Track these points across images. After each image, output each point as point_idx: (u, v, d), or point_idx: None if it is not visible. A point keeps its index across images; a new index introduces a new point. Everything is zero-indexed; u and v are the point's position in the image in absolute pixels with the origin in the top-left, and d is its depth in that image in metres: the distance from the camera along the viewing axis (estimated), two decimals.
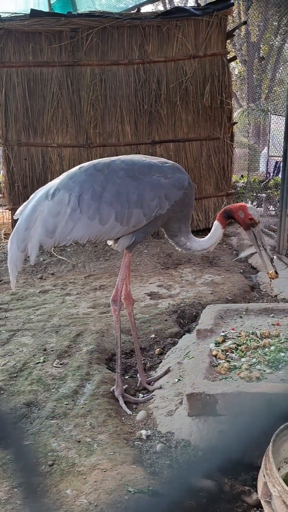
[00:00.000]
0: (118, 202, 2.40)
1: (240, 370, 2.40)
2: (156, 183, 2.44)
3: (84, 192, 2.37)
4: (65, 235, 2.40)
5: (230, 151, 7.18)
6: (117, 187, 2.40)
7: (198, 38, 6.87)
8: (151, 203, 2.44)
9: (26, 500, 1.79)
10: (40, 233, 2.40)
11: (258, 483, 1.30)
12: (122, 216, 2.41)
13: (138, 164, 2.47)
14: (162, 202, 2.46)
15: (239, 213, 2.54)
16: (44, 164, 7.06)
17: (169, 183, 2.46)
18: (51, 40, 6.76)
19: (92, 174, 2.41)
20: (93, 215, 2.37)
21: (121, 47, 6.85)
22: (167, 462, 2.05)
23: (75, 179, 2.42)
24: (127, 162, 2.48)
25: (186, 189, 2.51)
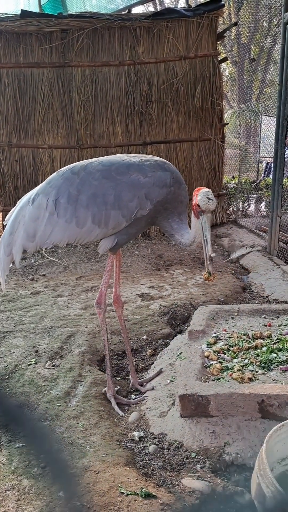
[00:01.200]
0: (95, 205, 2.37)
1: (232, 371, 2.41)
2: (135, 182, 2.37)
3: (61, 196, 2.40)
4: (45, 238, 2.45)
5: (221, 152, 7.21)
6: (93, 189, 2.38)
7: (189, 39, 6.89)
8: (130, 204, 2.37)
9: (18, 502, 1.78)
10: (22, 237, 2.47)
11: (252, 484, 1.31)
12: (99, 219, 2.38)
13: (116, 165, 2.41)
14: (143, 202, 2.38)
15: (194, 198, 2.34)
16: (35, 165, 7.02)
17: (149, 182, 2.37)
18: (41, 41, 6.73)
19: (68, 177, 2.44)
20: (70, 219, 2.39)
21: (112, 48, 6.85)
22: (160, 464, 2.05)
23: (52, 184, 2.46)
24: (104, 163, 2.44)
25: (171, 186, 2.42)
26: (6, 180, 6.99)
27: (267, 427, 2.07)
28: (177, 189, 2.45)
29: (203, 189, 2.34)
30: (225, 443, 2.07)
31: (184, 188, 2.51)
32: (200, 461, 2.03)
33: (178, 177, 2.48)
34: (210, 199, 2.30)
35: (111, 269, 2.64)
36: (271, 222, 5.41)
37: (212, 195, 2.32)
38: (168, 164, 2.49)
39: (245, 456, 2.02)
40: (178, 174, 2.49)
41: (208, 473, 1.95)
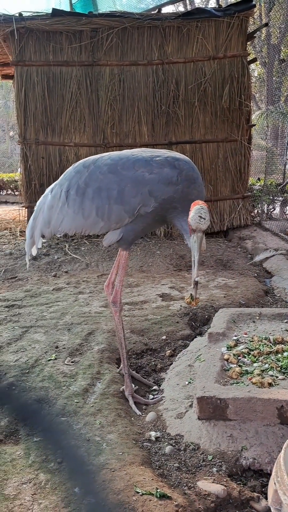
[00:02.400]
0: (99, 198, 2.42)
1: (252, 375, 2.38)
2: (139, 179, 2.33)
3: (71, 188, 2.52)
4: (57, 226, 2.60)
5: (247, 153, 7.13)
6: (98, 183, 2.43)
7: (218, 39, 6.84)
8: (133, 200, 2.34)
9: (34, 496, 1.80)
10: (41, 223, 2.67)
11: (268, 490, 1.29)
12: (102, 212, 2.43)
13: (123, 160, 2.40)
14: (146, 199, 2.33)
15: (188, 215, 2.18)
16: (61, 163, 7.10)
17: (154, 179, 2.31)
18: (71, 40, 6.80)
19: (79, 170, 2.54)
20: (77, 210, 2.50)
21: (140, 48, 6.86)
22: (176, 465, 2.04)
23: (66, 176, 2.62)
24: (113, 157, 2.45)
25: (178, 184, 2.31)
26: (32, 177, 7.10)
27: (286, 433, 2.03)
28: (186, 188, 2.32)
29: (198, 206, 2.16)
30: (242, 448, 2.04)
31: (196, 187, 2.37)
32: (217, 465, 2.01)
33: (190, 175, 2.34)
34: (202, 218, 2.12)
35: (125, 267, 2.66)
36: None
37: (206, 213, 2.13)
38: (179, 161, 2.35)
39: (262, 461, 1.99)
40: (191, 172, 2.35)
41: (224, 477, 1.94)
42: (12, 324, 3.69)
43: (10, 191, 13.64)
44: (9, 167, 21.25)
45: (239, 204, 7.19)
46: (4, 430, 2.26)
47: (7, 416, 2.37)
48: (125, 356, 2.67)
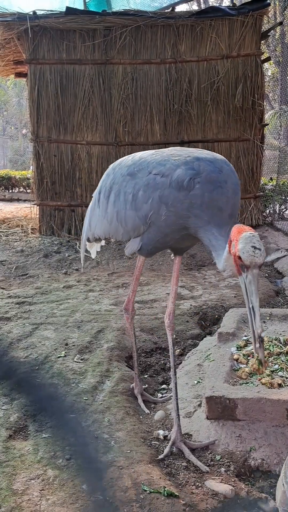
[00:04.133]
0: (118, 202, 2.27)
1: (262, 376, 2.36)
2: (150, 182, 2.08)
3: (101, 190, 2.44)
4: (93, 229, 2.55)
5: (259, 153, 7.08)
6: (118, 186, 2.28)
7: (232, 38, 6.79)
8: (144, 206, 2.11)
9: (42, 492, 1.81)
10: (85, 225, 2.67)
11: (277, 491, 1.28)
12: (121, 217, 2.27)
13: (141, 160, 2.20)
14: (156, 206, 2.06)
15: (232, 244, 1.76)
16: (73, 161, 7.12)
17: (165, 183, 2.03)
18: (84, 38, 6.81)
19: (108, 172, 2.45)
20: (103, 213, 2.41)
21: (154, 46, 6.85)
22: (184, 464, 2.04)
23: (102, 178, 2.52)
24: (136, 158, 2.25)
25: (191, 189, 1.96)
26: (44, 175, 7.13)
27: None
28: (208, 192, 1.95)
29: (245, 233, 1.71)
30: (250, 448, 2.03)
31: (224, 192, 1.97)
32: (225, 465, 2.00)
33: (213, 177, 1.96)
34: (257, 249, 1.68)
35: (138, 277, 2.52)
36: None
37: (259, 242, 1.70)
38: (200, 161, 2.01)
39: (271, 462, 1.98)
40: (216, 174, 1.98)
41: (232, 477, 1.93)
42: (23, 320, 3.71)
43: (22, 188, 13.73)
44: (22, 165, 21.41)
45: (250, 204, 7.14)
46: (13, 425, 2.28)
47: (16, 412, 2.39)
48: (135, 357, 2.67)
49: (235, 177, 2.06)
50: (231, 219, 1.98)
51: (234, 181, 2.04)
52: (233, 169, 2.09)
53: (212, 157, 2.07)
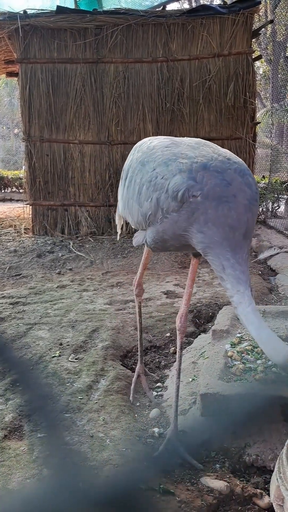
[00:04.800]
0: (130, 189, 2.14)
1: (256, 372, 2.38)
2: (153, 180, 1.89)
3: (124, 168, 2.33)
4: (118, 202, 2.49)
5: (252, 151, 7.11)
6: (132, 172, 2.13)
7: (223, 36, 6.81)
8: (145, 204, 1.94)
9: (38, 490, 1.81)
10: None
11: (271, 486, 1.29)
12: (130, 206, 2.16)
13: (152, 151, 2.00)
14: (154, 208, 1.88)
15: None
16: (65, 160, 7.11)
17: (163, 185, 1.82)
18: (76, 37, 6.80)
19: (131, 152, 2.30)
20: (121, 193, 2.36)
21: (145, 45, 6.85)
22: (179, 461, 2.04)
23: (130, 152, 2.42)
24: (150, 146, 2.05)
25: (184, 201, 1.73)
26: (36, 174, 7.12)
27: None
28: (211, 209, 1.69)
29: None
30: (245, 444, 2.05)
31: (233, 208, 1.69)
32: (220, 461, 2.02)
33: (218, 191, 1.70)
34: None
35: (145, 263, 2.55)
36: None
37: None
38: (207, 171, 1.74)
39: (265, 458, 1.99)
40: (223, 188, 1.71)
41: (227, 473, 1.94)
42: (17, 321, 3.70)
43: (15, 188, 13.68)
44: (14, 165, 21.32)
45: None
46: (8, 425, 2.27)
47: (11, 412, 2.38)
48: (140, 336, 2.78)
49: (250, 190, 1.76)
50: (246, 240, 1.71)
51: (247, 196, 1.75)
52: (249, 181, 1.79)
53: (225, 166, 1.77)
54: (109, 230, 7.16)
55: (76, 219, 7.21)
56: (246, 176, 1.79)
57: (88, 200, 7.19)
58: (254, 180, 1.84)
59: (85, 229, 7.12)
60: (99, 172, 7.12)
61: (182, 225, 1.79)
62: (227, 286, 1.67)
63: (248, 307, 1.56)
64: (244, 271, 1.65)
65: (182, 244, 1.92)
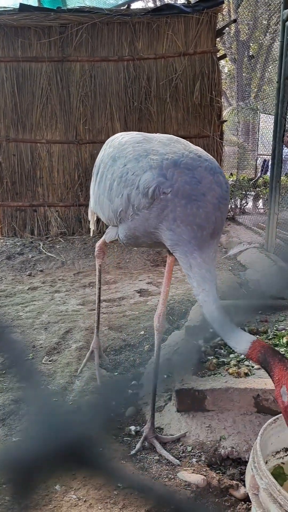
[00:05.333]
0: (101, 185, 2.12)
1: (229, 366, 2.42)
2: (123, 176, 1.87)
3: (96, 163, 2.31)
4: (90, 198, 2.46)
5: (219, 149, 7.21)
6: (103, 167, 2.10)
7: (188, 35, 6.87)
8: (116, 200, 1.92)
9: (15, 496, 1.79)
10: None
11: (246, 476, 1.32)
12: (101, 202, 2.15)
13: (123, 146, 1.97)
14: (125, 204, 1.86)
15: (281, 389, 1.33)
16: (33, 160, 7.00)
17: (134, 182, 1.80)
18: (40, 35, 6.70)
19: (104, 146, 2.26)
20: (92, 189, 2.34)
21: (111, 44, 6.82)
22: (156, 458, 2.06)
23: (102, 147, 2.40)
24: (121, 141, 2.03)
25: (161, 200, 1.71)
26: (3, 175, 6.97)
27: (262, 421, 2.08)
28: (181, 207, 1.68)
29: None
30: (220, 437, 2.08)
31: (202, 206, 1.69)
32: (196, 455, 2.04)
33: (187, 189, 1.69)
34: None
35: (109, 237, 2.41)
36: (269, 219, 5.42)
37: None
38: (177, 168, 1.73)
39: (240, 450, 2.03)
40: (193, 186, 1.70)
41: (203, 467, 1.97)
42: None
43: None
44: None
45: None
46: None
47: None
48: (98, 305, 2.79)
49: (220, 189, 1.76)
50: (213, 239, 1.73)
51: (217, 195, 1.74)
52: (219, 179, 1.78)
53: (196, 163, 1.76)
54: (80, 230, 7.10)
55: (46, 219, 7.12)
56: (217, 174, 1.78)
57: (58, 200, 7.11)
58: (225, 178, 1.84)
59: (55, 230, 7.04)
60: (68, 172, 7.05)
61: (152, 223, 1.78)
62: (193, 284, 1.70)
63: (213, 305, 1.62)
64: (210, 270, 1.67)
65: (154, 241, 1.90)
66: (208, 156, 1.86)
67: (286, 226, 5.81)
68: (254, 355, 1.45)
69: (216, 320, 1.60)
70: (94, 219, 2.83)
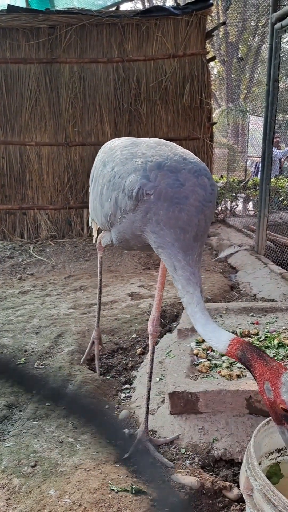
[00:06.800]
0: (94, 191, 2.18)
1: (221, 368, 2.44)
2: (111, 180, 1.91)
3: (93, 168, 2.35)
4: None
5: (209, 151, 7.25)
6: (96, 173, 2.16)
7: (178, 37, 6.90)
8: (106, 204, 1.97)
9: (8, 501, 1.78)
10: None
11: (240, 477, 1.33)
12: (94, 207, 2.20)
13: (112, 151, 2.01)
14: (114, 208, 1.89)
15: (265, 385, 1.33)
16: (22, 162, 6.97)
17: (120, 185, 1.83)
18: (28, 37, 6.67)
19: (99, 152, 2.29)
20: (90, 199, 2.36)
21: (100, 45, 6.83)
22: (150, 460, 2.07)
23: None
24: (112, 146, 2.07)
25: (145, 202, 1.72)
26: None
27: (255, 422, 2.10)
28: (163, 210, 1.69)
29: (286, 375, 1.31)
30: (213, 439, 2.10)
31: (184, 209, 1.69)
32: (189, 457, 2.05)
33: (169, 192, 1.69)
34: None
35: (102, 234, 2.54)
36: (259, 222, 5.46)
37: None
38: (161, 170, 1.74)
39: (233, 451, 2.05)
40: (175, 188, 1.70)
41: (197, 469, 1.98)
42: None
43: None
44: None
45: None
46: None
47: None
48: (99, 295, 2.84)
49: (203, 191, 1.75)
50: (196, 242, 1.72)
51: (199, 197, 1.73)
52: (204, 182, 1.77)
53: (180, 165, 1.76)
54: (70, 233, 7.08)
55: (36, 222, 7.08)
56: (202, 177, 1.78)
57: (47, 203, 7.08)
58: (211, 181, 1.83)
59: (45, 233, 7.01)
60: (58, 174, 7.03)
61: (138, 225, 1.80)
62: (178, 287, 1.72)
63: (196, 307, 1.63)
64: (194, 273, 1.69)
65: (143, 244, 1.91)
66: (194, 158, 1.86)
67: (276, 228, 5.86)
68: (233, 352, 1.47)
69: (198, 321, 1.61)
70: (96, 227, 2.81)
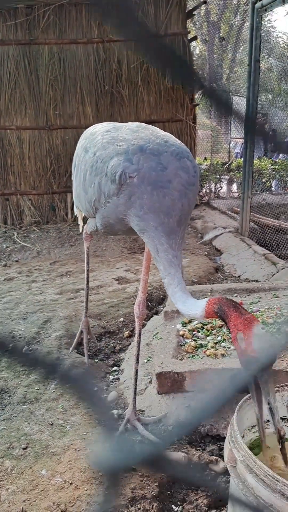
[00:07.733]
0: (77, 177, 2.17)
1: (206, 348, 2.50)
2: (94, 165, 1.90)
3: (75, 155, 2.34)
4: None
5: (193, 133, 7.23)
6: (78, 159, 2.15)
7: (158, 17, 6.79)
8: (89, 190, 1.97)
9: (1, 482, 1.82)
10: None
11: (225, 450, 1.39)
12: (78, 194, 2.21)
13: (93, 136, 2.00)
14: (97, 193, 1.90)
15: (238, 335, 1.38)
16: (3, 147, 6.86)
17: (102, 169, 1.83)
18: (6, 17, 6.49)
19: (80, 138, 2.27)
20: (73, 187, 2.36)
21: (79, 25, 6.68)
22: (139, 439, 2.13)
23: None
24: (93, 131, 2.06)
25: (128, 185, 1.72)
26: None
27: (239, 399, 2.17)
28: (147, 194, 1.69)
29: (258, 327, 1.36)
30: None
31: (168, 193, 1.70)
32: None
33: (152, 176, 1.70)
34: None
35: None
36: (242, 204, 5.51)
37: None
38: (143, 153, 1.73)
39: (218, 427, 2.12)
40: (158, 172, 1.71)
41: (184, 445, 2.05)
42: None
43: None
44: None
45: None
46: None
47: None
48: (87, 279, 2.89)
49: (186, 174, 1.75)
50: (180, 226, 1.73)
51: (183, 181, 1.74)
52: (186, 165, 1.77)
53: (162, 148, 1.76)
54: (54, 219, 7.04)
55: (19, 208, 7.02)
56: (184, 159, 1.78)
57: (30, 188, 7.01)
58: (193, 163, 1.83)
59: (29, 219, 6.95)
60: (40, 159, 6.94)
61: (122, 209, 1.80)
62: (160, 268, 1.73)
63: (177, 287, 1.66)
64: (176, 256, 1.71)
65: (127, 228, 1.91)
66: (175, 141, 1.86)
67: (260, 210, 5.92)
68: (210, 309, 1.48)
69: (179, 300, 1.64)
70: (81, 215, 2.77)
